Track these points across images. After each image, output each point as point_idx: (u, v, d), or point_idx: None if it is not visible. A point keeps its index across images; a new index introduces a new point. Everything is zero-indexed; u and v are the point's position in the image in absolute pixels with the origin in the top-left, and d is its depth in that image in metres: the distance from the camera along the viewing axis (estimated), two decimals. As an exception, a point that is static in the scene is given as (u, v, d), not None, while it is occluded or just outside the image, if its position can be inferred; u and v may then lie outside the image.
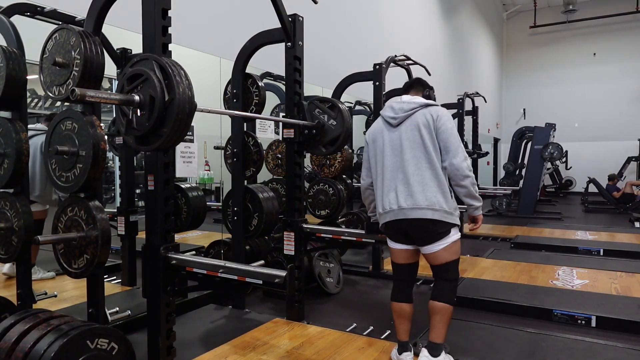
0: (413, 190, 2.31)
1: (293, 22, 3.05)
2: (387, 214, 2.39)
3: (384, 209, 2.40)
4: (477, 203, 2.41)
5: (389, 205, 2.37)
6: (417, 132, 2.36)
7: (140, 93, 1.91)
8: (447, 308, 2.35)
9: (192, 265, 2.24)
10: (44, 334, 1.84)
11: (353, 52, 6.70)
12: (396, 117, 2.43)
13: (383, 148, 2.44)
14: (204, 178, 5.61)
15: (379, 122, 2.53)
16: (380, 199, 2.44)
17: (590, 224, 8.33)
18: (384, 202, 2.40)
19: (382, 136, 2.47)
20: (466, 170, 2.30)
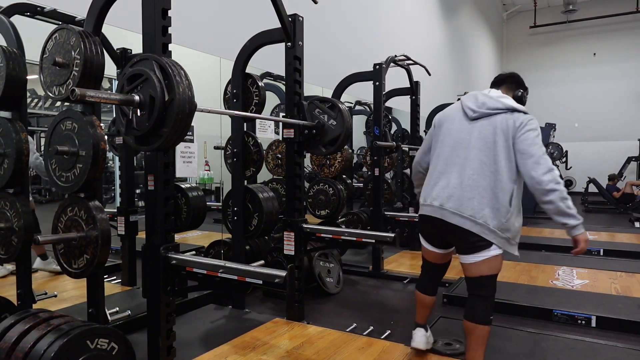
0: (463, 195, 2.10)
1: (293, 22, 3.05)
2: (426, 207, 2.22)
3: (424, 200, 2.24)
4: (571, 221, 2.07)
5: (431, 199, 2.19)
6: (492, 136, 2.11)
7: (140, 93, 1.91)
8: (481, 329, 2.14)
9: (192, 265, 2.24)
10: (44, 334, 1.84)
11: (353, 52, 6.70)
12: (476, 111, 2.18)
13: (450, 137, 2.23)
14: (204, 178, 5.61)
15: (456, 107, 2.30)
16: (426, 188, 2.26)
17: (590, 224, 8.32)
18: (429, 193, 2.22)
19: (452, 123, 2.25)
20: (550, 183, 2.00)
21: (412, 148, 5.44)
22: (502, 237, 2.11)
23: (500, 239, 2.11)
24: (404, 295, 3.97)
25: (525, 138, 2.07)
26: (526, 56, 16.80)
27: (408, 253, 5.46)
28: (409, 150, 5.52)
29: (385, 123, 4.87)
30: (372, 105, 4.73)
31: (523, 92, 2.34)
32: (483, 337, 2.14)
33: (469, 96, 2.28)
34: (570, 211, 2.06)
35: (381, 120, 4.49)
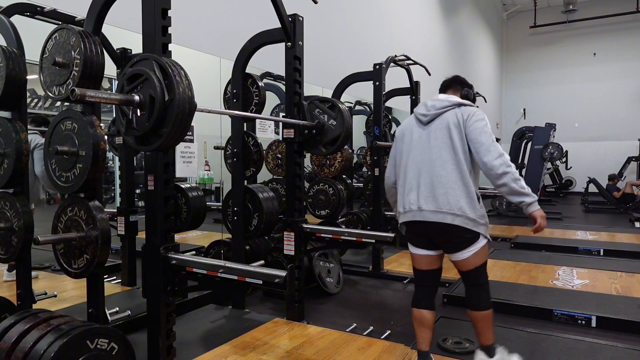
0: (436, 192, 2.19)
1: (293, 22, 3.05)
2: (406, 214, 2.29)
3: (403, 209, 2.30)
4: (526, 199, 2.16)
5: (408, 205, 2.27)
6: (446, 132, 2.23)
7: (140, 93, 1.91)
8: (487, 314, 2.26)
9: (192, 265, 2.24)
10: (44, 334, 1.84)
11: (353, 52, 6.70)
12: (427, 114, 2.30)
13: (410, 145, 2.33)
14: (204, 178, 5.61)
15: (411, 119, 2.42)
16: (401, 198, 2.34)
17: (590, 224, 8.33)
18: (405, 201, 2.30)
19: (410, 133, 2.36)
20: (502, 167, 2.11)
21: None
22: (482, 224, 2.19)
23: (482, 226, 2.19)
24: (404, 295, 3.97)
25: (475, 127, 2.19)
26: (526, 56, 16.80)
27: (408, 253, 5.42)
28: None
29: (385, 123, 4.86)
30: (372, 105, 4.73)
31: (469, 90, 2.45)
32: (490, 319, 2.27)
33: (419, 105, 2.41)
34: (523, 190, 2.15)
35: (381, 120, 4.49)
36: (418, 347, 2.35)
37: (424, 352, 2.34)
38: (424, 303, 2.37)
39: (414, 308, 2.37)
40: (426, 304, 2.36)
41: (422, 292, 2.40)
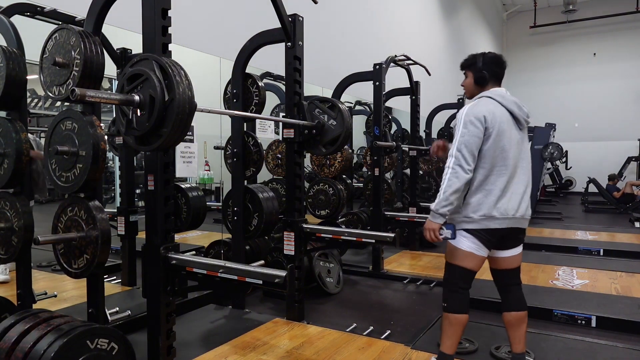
0: (527, 199, 2.24)
1: (293, 22, 3.05)
2: (503, 221, 2.15)
3: (501, 214, 2.14)
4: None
5: (509, 211, 2.15)
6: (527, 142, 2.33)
7: (140, 93, 1.91)
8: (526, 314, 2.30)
9: (192, 265, 2.24)
10: (44, 334, 1.84)
11: (353, 52, 6.70)
12: (527, 120, 2.28)
13: (510, 145, 2.18)
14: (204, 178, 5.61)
15: (504, 111, 2.19)
16: (495, 200, 2.14)
17: (590, 224, 8.33)
18: (504, 205, 2.14)
19: (510, 130, 2.19)
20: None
21: (412, 148, 5.44)
22: None
23: None
24: (404, 295, 3.97)
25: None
26: (526, 56, 16.79)
27: (408, 253, 5.46)
28: (409, 150, 5.52)
29: (385, 123, 4.87)
30: (372, 105, 4.73)
31: None
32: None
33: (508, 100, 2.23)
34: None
35: (381, 120, 4.49)
36: (451, 352, 2.24)
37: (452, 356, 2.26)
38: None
39: (462, 314, 2.24)
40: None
41: (467, 294, 2.29)
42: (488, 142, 2.14)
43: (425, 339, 2.81)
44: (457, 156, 2.11)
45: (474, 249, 2.16)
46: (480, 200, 2.14)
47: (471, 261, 2.18)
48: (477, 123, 2.12)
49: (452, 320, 2.21)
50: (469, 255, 2.17)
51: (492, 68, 2.26)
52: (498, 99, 2.21)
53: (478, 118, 2.12)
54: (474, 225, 2.14)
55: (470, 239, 2.15)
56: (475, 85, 2.32)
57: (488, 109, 2.16)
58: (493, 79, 2.28)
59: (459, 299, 2.22)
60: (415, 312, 3.48)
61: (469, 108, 2.18)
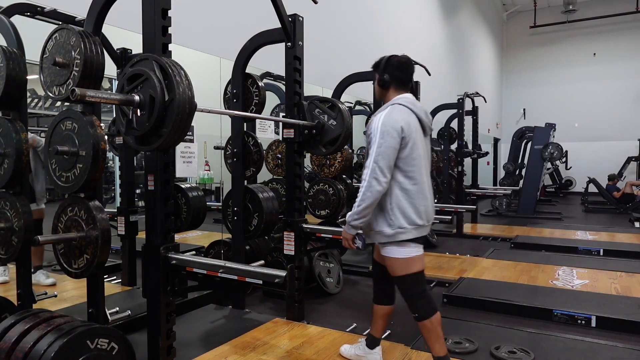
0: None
1: (293, 22, 3.05)
2: (427, 227, 2.25)
3: (426, 221, 2.21)
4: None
5: (429, 218, 2.24)
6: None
7: (140, 93, 1.91)
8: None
9: (192, 265, 2.24)
10: (44, 334, 1.84)
11: (353, 52, 6.70)
12: (431, 127, 2.31)
13: (422, 153, 2.22)
14: (204, 178, 5.61)
15: (415, 119, 2.21)
16: (422, 209, 2.19)
17: (590, 224, 8.33)
18: (426, 213, 2.21)
19: (419, 138, 2.21)
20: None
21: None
22: None
23: None
24: (404, 295, 3.97)
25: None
26: (526, 56, 16.79)
27: (408, 253, 5.45)
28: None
29: (385, 123, 4.85)
30: (372, 105, 4.73)
31: None
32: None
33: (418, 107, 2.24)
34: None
35: (381, 120, 4.48)
36: (444, 351, 2.26)
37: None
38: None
39: (437, 312, 2.28)
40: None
41: (429, 293, 2.31)
42: (405, 151, 2.15)
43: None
44: (373, 168, 2.10)
45: (413, 252, 2.21)
46: (410, 209, 2.17)
47: (417, 263, 2.23)
48: (394, 133, 2.10)
49: (429, 326, 2.23)
50: (412, 259, 2.21)
51: (393, 72, 2.25)
52: (410, 107, 2.21)
53: (395, 128, 2.11)
54: (407, 236, 2.17)
55: (407, 245, 2.19)
56: (380, 89, 2.32)
57: (403, 117, 2.16)
58: (396, 83, 2.26)
59: (425, 303, 2.24)
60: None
61: (385, 117, 2.16)
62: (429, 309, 2.22)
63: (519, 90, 16.87)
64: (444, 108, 7.39)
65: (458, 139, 7.26)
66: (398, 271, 2.22)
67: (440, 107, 7.37)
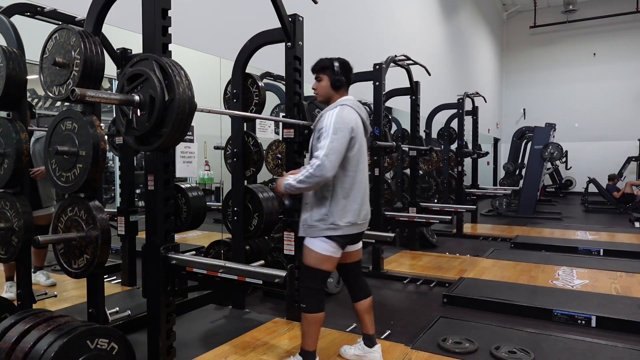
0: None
1: (293, 22, 3.05)
2: (363, 225, 2.35)
3: (362, 220, 2.31)
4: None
5: (366, 216, 2.35)
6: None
7: (140, 93, 1.91)
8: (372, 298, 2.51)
9: (192, 265, 2.24)
10: (44, 334, 1.84)
11: (353, 52, 6.69)
12: (369, 128, 2.41)
13: (364, 154, 2.35)
14: (204, 178, 5.61)
15: (360, 121, 2.32)
16: (358, 207, 2.28)
17: (590, 224, 8.33)
18: (364, 211, 2.32)
19: (364, 140, 2.34)
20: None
21: (412, 148, 5.44)
22: None
23: None
24: (404, 295, 3.97)
25: None
26: (526, 56, 16.79)
27: (408, 253, 5.46)
28: (409, 150, 5.52)
29: (385, 123, 4.86)
30: (372, 105, 4.73)
31: None
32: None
33: (362, 109, 2.35)
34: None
35: (381, 120, 4.49)
36: (312, 347, 2.35)
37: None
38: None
39: (323, 312, 2.32)
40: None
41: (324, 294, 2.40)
42: (353, 150, 2.23)
43: (425, 339, 2.81)
44: (323, 160, 2.14)
45: (332, 253, 2.27)
46: (347, 207, 2.24)
47: (330, 264, 2.30)
48: (345, 132, 2.18)
49: (311, 320, 2.29)
50: (329, 259, 2.27)
51: (346, 73, 2.36)
52: (356, 109, 2.31)
53: (347, 127, 2.19)
54: (339, 232, 2.24)
55: (331, 244, 2.25)
56: (332, 89, 2.37)
57: (353, 118, 2.25)
58: (347, 85, 2.38)
59: (318, 300, 2.30)
60: (415, 312, 3.48)
61: (337, 114, 2.23)
62: (317, 306, 2.29)
63: (519, 90, 16.87)
64: (444, 108, 7.39)
65: (458, 139, 7.26)
66: (310, 262, 2.29)
67: (440, 107, 7.36)
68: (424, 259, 5.15)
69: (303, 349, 2.34)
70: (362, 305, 2.48)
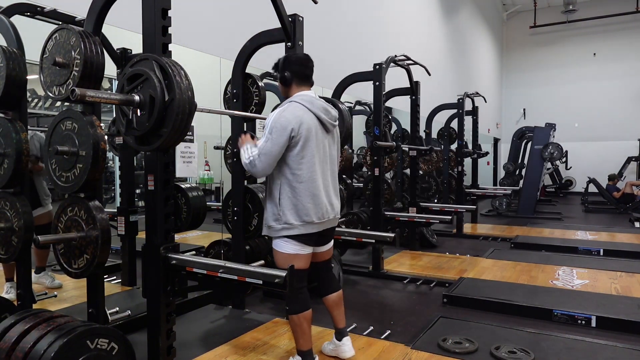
0: (338, 200, 2.44)
1: (293, 22, 3.05)
2: (321, 224, 2.31)
3: (319, 218, 2.27)
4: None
5: (324, 214, 2.30)
6: (336, 145, 2.45)
7: (140, 93, 1.91)
8: (342, 291, 2.56)
9: (192, 265, 2.24)
10: (44, 334, 1.84)
11: (353, 52, 6.70)
12: (333, 123, 2.37)
13: (318, 149, 2.28)
14: (204, 178, 5.61)
15: (312, 117, 2.26)
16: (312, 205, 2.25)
17: (590, 224, 8.33)
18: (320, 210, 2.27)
19: (317, 136, 2.27)
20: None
21: (412, 148, 5.44)
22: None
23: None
24: (404, 295, 3.97)
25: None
26: (526, 56, 16.79)
27: (408, 253, 5.46)
28: (409, 150, 5.52)
29: (385, 123, 4.86)
30: (372, 105, 4.73)
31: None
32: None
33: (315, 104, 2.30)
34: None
35: (381, 120, 4.49)
36: (306, 346, 2.33)
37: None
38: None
39: (309, 309, 2.33)
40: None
41: (307, 291, 2.39)
42: (296, 148, 2.22)
43: (425, 339, 2.81)
44: (255, 159, 2.22)
45: (298, 250, 2.28)
46: (297, 206, 2.24)
47: (300, 261, 2.30)
48: (282, 132, 2.17)
49: (297, 321, 2.30)
50: (296, 257, 2.28)
51: (294, 68, 2.33)
52: (307, 105, 2.27)
53: (284, 127, 2.18)
54: (294, 232, 2.25)
55: (293, 243, 2.27)
56: (282, 86, 2.39)
57: (296, 115, 2.22)
58: (297, 79, 2.34)
59: (300, 299, 2.31)
60: (415, 312, 3.48)
61: (277, 114, 2.23)
62: (300, 306, 2.30)
63: (519, 90, 16.87)
64: (444, 108, 7.38)
65: (458, 139, 7.26)
66: (280, 263, 2.31)
67: (440, 107, 7.36)
68: (424, 259, 5.15)
69: (299, 350, 2.35)
70: (330, 299, 2.50)
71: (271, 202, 2.30)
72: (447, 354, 2.61)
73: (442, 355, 2.59)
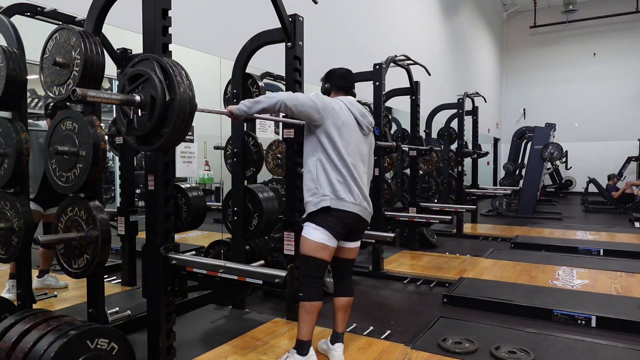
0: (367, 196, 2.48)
1: (293, 22, 3.05)
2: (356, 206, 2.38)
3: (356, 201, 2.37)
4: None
5: (359, 199, 2.39)
6: (371, 149, 2.57)
7: (141, 93, 1.91)
8: (352, 299, 2.58)
9: (192, 265, 2.24)
10: (44, 334, 1.85)
11: (353, 52, 6.70)
12: (370, 127, 2.51)
13: (349, 142, 2.39)
14: (204, 178, 5.61)
15: (348, 114, 2.43)
16: (345, 186, 2.36)
17: (590, 224, 8.33)
18: (352, 191, 2.37)
19: (351, 131, 2.41)
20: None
21: (412, 148, 5.44)
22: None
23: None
24: (403, 295, 3.97)
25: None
26: (526, 56, 16.80)
27: (408, 253, 5.46)
28: (409, 150, 5.52)
29: (385, 123, 4.86)
30: (372, 105, 4.73)
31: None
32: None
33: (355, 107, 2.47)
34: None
35: (381, 120, 4.49)
36: (307, 337, 2.38)
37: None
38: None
39: (321, 301, 2.39)
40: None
41: (323, 283, 2.48)
42: (325, 126, 2.35)
43: (425, 339, 2.81)
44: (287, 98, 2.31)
45: (326, 241, 2.33)
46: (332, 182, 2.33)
47: (325, 253, 2.35)
48: (316, 101, 2.33)
49: (308, 308, 2.34)
50: (323, 247, 2.33)
51: (332, 80, 2.59)
52: (347, 104, 2.46)
53: (320, 100, 2.35)
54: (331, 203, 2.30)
55: (325, 232, 2.32)
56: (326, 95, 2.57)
57: (334, 102, 2.42)
58: (335, 89, 2.57)
59: (315, 289, 2.36)
60: (415, 312, 3.48)
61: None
62: (315, 295, 2.35)
63: (519, 90, 16.87)
64: (444, 108, 7.39)
65: (458, 139, 7.26)
66: (305, 250, 2.35)
67: (440, 107, 7.37)
68: (424, 259, 5.15)
69: (298, 339, 2.37)
70: (340, 301, 2.53)
71: (308, 177, 2.38)
72: (447, 354, 2.61)
73: (442, 355, 2.59)
